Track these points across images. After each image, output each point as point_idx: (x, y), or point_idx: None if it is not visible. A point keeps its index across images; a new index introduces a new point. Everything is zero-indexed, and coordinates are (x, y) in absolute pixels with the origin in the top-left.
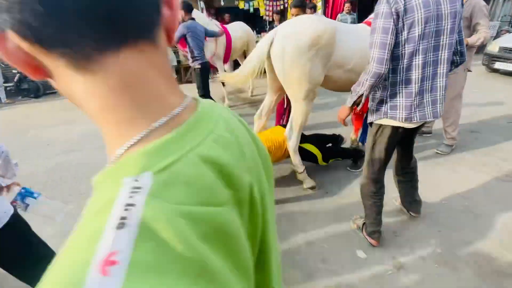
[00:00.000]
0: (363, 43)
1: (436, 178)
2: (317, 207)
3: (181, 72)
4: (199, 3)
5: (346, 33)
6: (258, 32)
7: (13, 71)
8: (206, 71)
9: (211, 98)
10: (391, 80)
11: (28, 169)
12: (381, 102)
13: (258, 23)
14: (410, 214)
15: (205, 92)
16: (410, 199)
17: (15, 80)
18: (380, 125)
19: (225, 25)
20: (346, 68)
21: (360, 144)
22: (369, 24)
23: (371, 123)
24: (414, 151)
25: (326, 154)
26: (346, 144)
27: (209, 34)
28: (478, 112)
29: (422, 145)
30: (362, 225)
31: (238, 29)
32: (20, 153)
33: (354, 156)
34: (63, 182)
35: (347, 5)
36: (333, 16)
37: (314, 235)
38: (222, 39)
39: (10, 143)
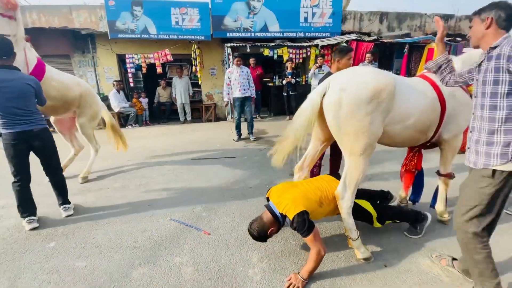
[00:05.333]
0: (423, 98)
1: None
2: (377, 284)
3: (202, 111)
4: (226, 49)
5: (406, 87)
6: (278, 76)
7: None
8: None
9: None
10: None
11: None
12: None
13: (276, 67)
14: None
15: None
16: None
17: None
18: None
19: None
20: (406, 124)
21: (410, 203)
22: (424, 77)
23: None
24: None
25: (382, 214)
26: (394, 203)
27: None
28: None
29: None
30: (451, 260)
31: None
32: None
33: (414, 219)
34: None
35: (368, 55)
36: (355, 65)
37: None
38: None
39: None
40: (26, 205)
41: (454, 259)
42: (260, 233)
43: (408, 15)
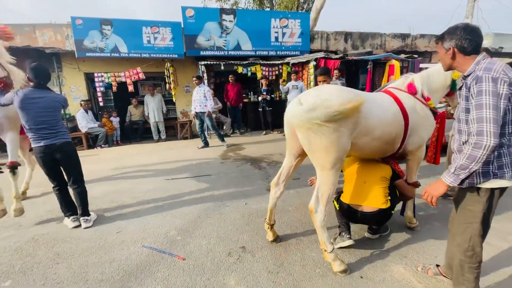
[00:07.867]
0: (387, 111)
1: None
2: None
3: (177, 128)
4: (200, 67)
5: (370, 101)
6: (252, 92)
7: None
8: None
9: None
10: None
11: None
12: (487, 163)
13: (251, 84)
14: None
15: None
16: None
17: None
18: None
19: None
20: (373, 136)
21: None
22: (387, 92)
23: (478, 188)
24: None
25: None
26: None
27: None
28: None
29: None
30: (436, 267)
31: None
32: None
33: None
34: None
35: (335, 71)
36: None
37: None
38: None
39: None
40: (67, 206)
41: (437, 265)
42: None
43: (369, 34)
